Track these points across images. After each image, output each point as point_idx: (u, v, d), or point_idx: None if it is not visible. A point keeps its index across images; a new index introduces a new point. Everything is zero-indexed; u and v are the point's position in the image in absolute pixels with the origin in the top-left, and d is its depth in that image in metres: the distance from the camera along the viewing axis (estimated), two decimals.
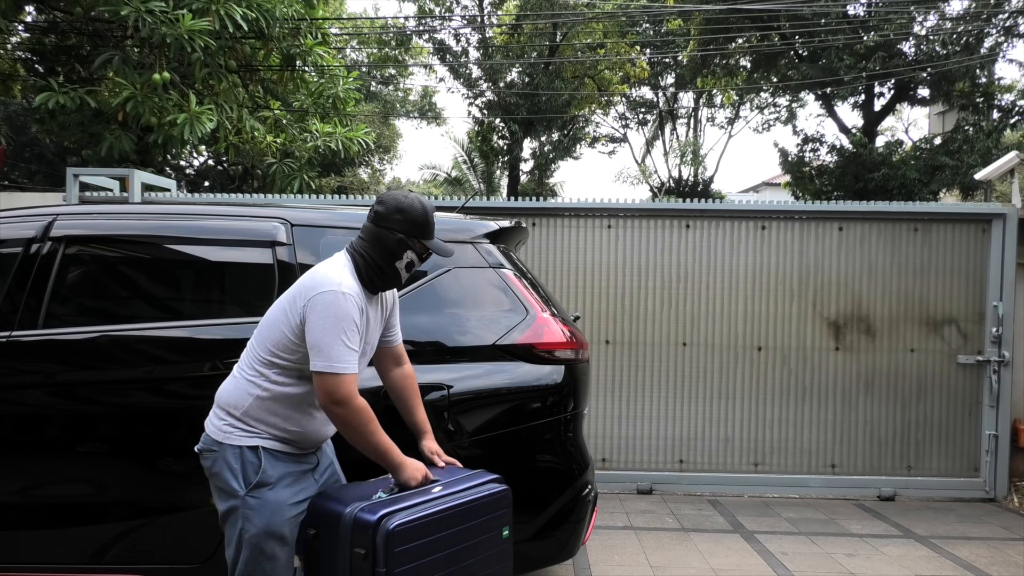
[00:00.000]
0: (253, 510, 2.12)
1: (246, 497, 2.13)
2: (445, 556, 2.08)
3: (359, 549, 1.99)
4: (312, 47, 7.31)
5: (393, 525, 1.97)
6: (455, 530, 2.12)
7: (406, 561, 1.99)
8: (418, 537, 2.02)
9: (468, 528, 2.15)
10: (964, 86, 13.95)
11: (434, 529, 2.07)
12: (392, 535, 1.96)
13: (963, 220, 5.40)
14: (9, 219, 3.08)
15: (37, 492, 2.82)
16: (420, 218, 2.20)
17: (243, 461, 2.16)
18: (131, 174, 5.34)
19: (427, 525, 2.05)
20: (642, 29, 19.87)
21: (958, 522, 4.83)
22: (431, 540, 2.05)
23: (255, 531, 2.12)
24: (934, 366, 5.38)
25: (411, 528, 2.01)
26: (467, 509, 2.16)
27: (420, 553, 2.02)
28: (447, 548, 2.08)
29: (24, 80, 9.01)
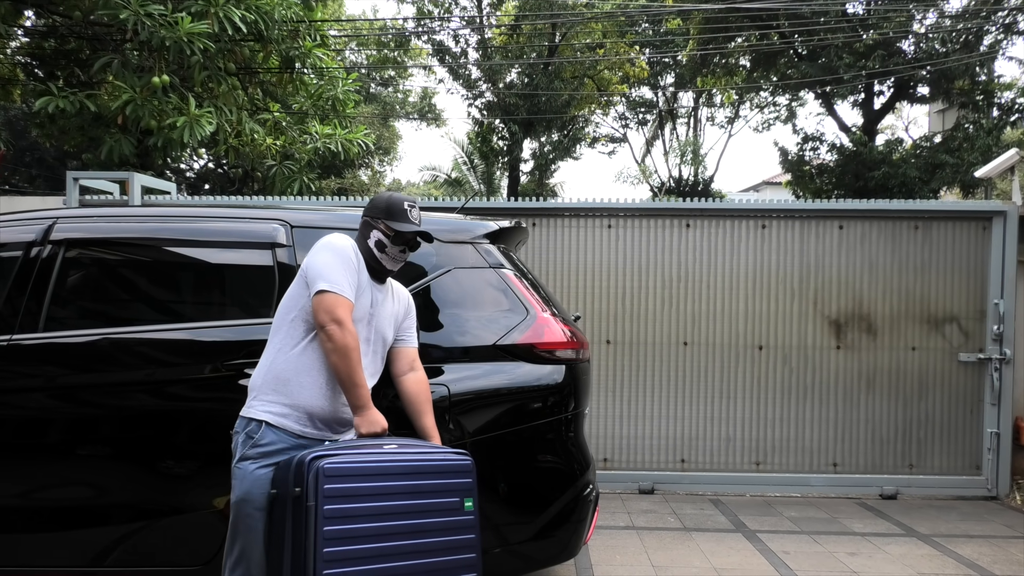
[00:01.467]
0: (236, 478, 2.27)
1: (235, 466, 2.29)
2: (386, 509, 2.06)
3: (296, 488, 2.03)
4: (311, 49, 7.31)
5: (325, 463, 2.01)
6: (398, 484, 2.10)
7: (337, 500, 1.98)
8: (352, 479, 2.03)
9: (416, 488, 2.13)
10: (964, 84, 13.95)
11: (373, 477, 2.06)
12: (322, 471, 1.99)
13: (964, 218, 5.40)
14: (9, 223, 3.08)
15: (39, 495, 2.82)
16: (381, 203, 2.50)
17: (246, 432, 2.31)
18: (131, 177, 5.35)
19: (365, 471, 2.06)
20: (641, 29, 19.88)
21: (960, 520, 4.83)
22: (369, 487, 2.05)
23: (235, 498, 2.26)
24: (935, 364, 5.37)
25: (345, 468, 2.03)
26: (415, 468, 2.16)
27: (354, 496, 2.01)
28: (388, 501, 2.06)
29: (24, 84, 9.02)
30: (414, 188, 30.66)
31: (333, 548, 1.97)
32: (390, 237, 2.44)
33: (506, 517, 2.80)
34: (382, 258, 2.45)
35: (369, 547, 2.02)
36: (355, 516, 2.01)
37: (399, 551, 2.07)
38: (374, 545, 2.04)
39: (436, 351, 2.81)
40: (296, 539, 2.00)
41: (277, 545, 2.09)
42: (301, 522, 2.00)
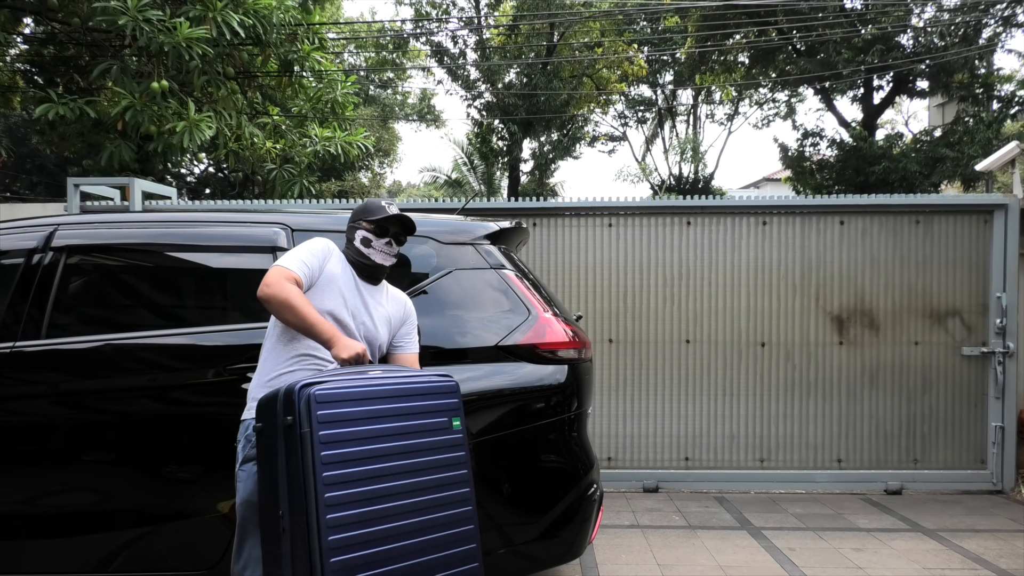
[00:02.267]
0: (239, 481, 2.31)
1: (237, 470, 2.33)
2: (379, 432, 2.09)
3: (288, 417, 2.03)
4: (309, 52, 7.31)
5: (315, 390, 2.03)
6: (388, 407, 2.13)
7: (331, 425, 2.00)
8: (344, 403, 2.05)
9: (405, 410, 2.17)
10: (963, 77, 13.92)
11: (363, 400, 2.09)
12: (313, 397, 2.01)
13: (965, 212, 5.39)
14: (10, 230, 3.09)
15: (44, 501, 2.82)
16: (359, 207, 2.65)
17: (246, 436, 2.35)
18: (131, 183, 5.36)
19: (355, 395, 2.09)
20: (639, 27, 19.87)
21: (966, 514, 4.82)
22: (360, 411, 2.07)
23: (240, 500, 2.30)
24: (938, 359, 5.37)
25: (335, 393, 2.05)
26: (403, 390, 2.20)
27: (346, 420, 2.03)
28: (380, 424, 2.10)
29: (24, 92, 9.03)
30: (414, 190, 30.67)
31: (332, 472, 1.98)
32: (372, 231, 2.54)
33: (510, 518, 2.80)
34: (370, 252, 2.53)
35: (366, 468, 2.05)
36: (349, 440, 2.04)
37: (395, 471, 2.10)
38: (370, 467, 2.06)
39: (438, 352, 2.81)
40: (292, 468, 2.00)
41: (270, 478, 2.08)
42: (296, 450, 2.00)
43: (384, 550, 2.01)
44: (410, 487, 2.11)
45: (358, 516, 1.99)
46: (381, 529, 2.02)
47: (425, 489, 2.14)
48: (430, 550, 2.10)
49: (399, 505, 2.07)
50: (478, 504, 2.71)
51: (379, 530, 2.01)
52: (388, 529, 2.03)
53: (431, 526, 2.12)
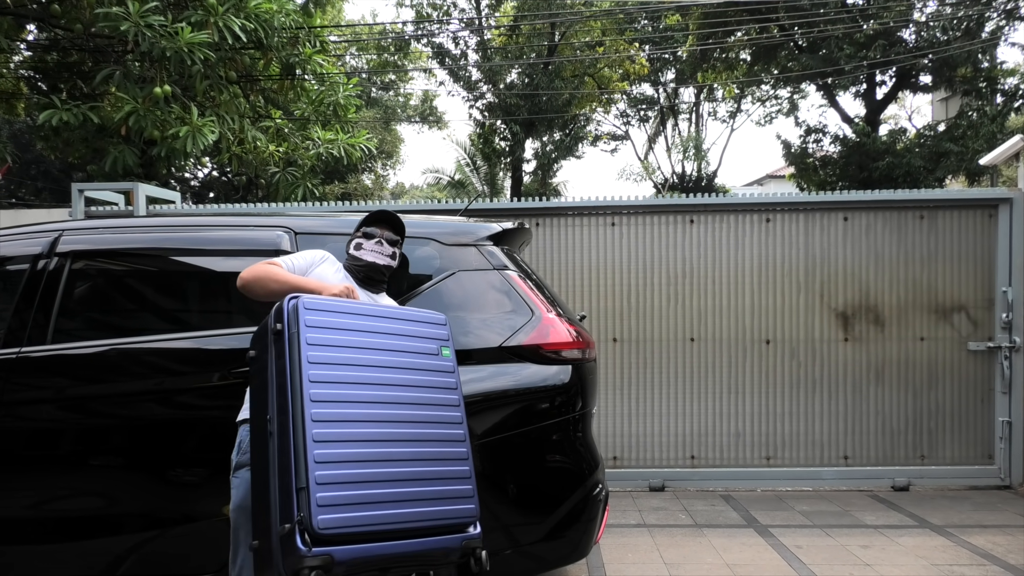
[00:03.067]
0: (233, 487, 2.32)
1: (232, 477, 2.35)
2: (366, 342, 2.12)
3: (277, 325, 2.06)
4: (311, 55, 7.32)
5: (305, 298, 2.09)
6: (376, 323, 2.18)
7: (318, 329, 2.04)
8: (332, 313, 2.10)
9: (393, 329, 2.21)
10: (966, 71, 13.88)
11: (351, 315, 2.14)
12: (303, 303, 2.06)
13: (969, 206, 5.37)
14: (15, 236, 3.11)
15: (51, 506, 2.83)
16: (362, 219, 2.71)
17: (239, 440, 2.37)
18: (135, 188, 5.38)
19: (344, 308, 2.14)
20: (640, 26, 19.84)
21: (973, 510, 4.80)
22: (348, 321, 2.12)
23: (232, 506, 2.32)
24: (945, 354, 5.35)
25: (324, 303, 2.11)
26: (391, 314, 2.27)
27: (334, 327, 2.07)
28: (368, 336, 2.13)
29: (28, 98, 9.07)
30: (417, 191, 30.71)
31: (318, 370, 2.00)
32: (361, 235, 2.65)
33: (516, 518, 2.80)
34: (361, 254, 2.60)
35: (352, 374, 2.07)
36: (336, 345, 2.07)
37: (382, 382, 2.12)
38: (357, 373, 2.08)
39: None
40: (280, 371, 2.02)
41: (260, 394, 2.09)
42: (284, 353, 2.02)
43: (370, 452, 2.00)
44: (398, 399, 2.12)
45: (343, 416, 1.99)
46: (367, 432, 2.02)
47: (413, 404, 2.15)
48: (420, 461, 2.09)
49: (386, 413, 2.08)
50: (483, 505, 2.72)
51: (365, 432, 2.01)
52: (374, 434, 2.03)
53: (420, 439, 2.12)
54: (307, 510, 1.83)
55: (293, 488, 1.87)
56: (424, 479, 2.07)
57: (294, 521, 1.83)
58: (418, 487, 2.04)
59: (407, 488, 2.02)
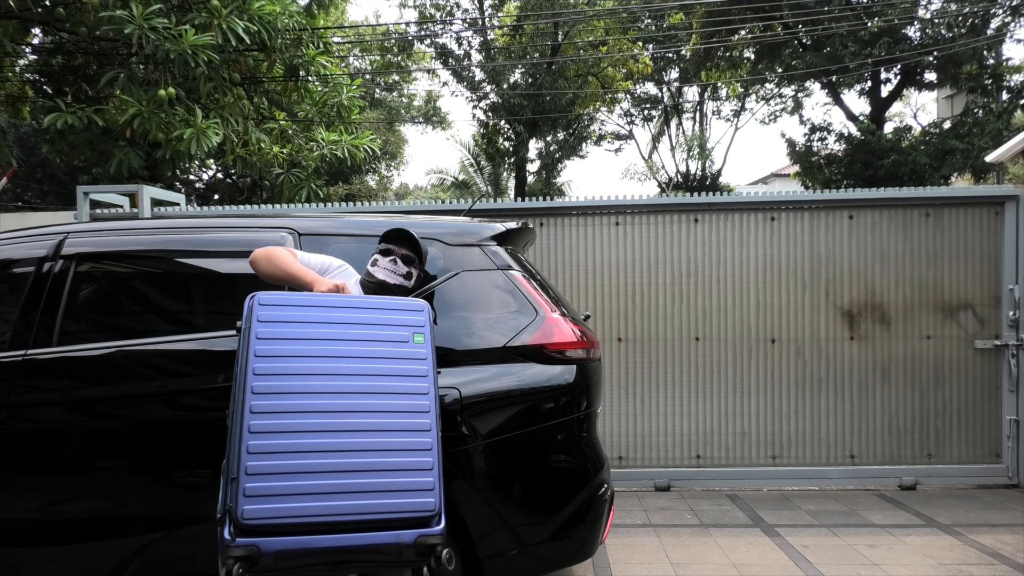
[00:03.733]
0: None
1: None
2: (323, 337, 2.11)
3: (238, 323, 2.12)
4: (314, 57, 7.34)
5: (260, 295, 2.11)
6: (341, 315, 2.16)
7: (270, 324, 2.06)
8: (288, 307, 2.11)
9: (360, 320, 2.18)
10: (972, 68, 13.82)
11: (313, 307, 2.14)
12: (258, 299, 2.09)
13: (975, 203, 5.35)
14: (21, 238, 3.11)
15: (57, 508, 2.84)
16: (383, 234, 2.69)
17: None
18: (140, 190, 5.39)
19: (304, 301, 2.14)
20: (644, 25, 19.82)
21: (981, 509, 4.78)
22: (307, 313, 2.12)
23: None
24: (951, 352, 5.33)
25: (282, 298, 2.13)
26: (361, 303, 2.23)
27: (288, 320, 2.09)
28: (328, 327, 2.13)
29: (33, 102, 9.12)
30: (421, 192, 30.73)
31: (263, 363, 2.02)
32: (379, 251, 2.65)
33: (521, 518, 2.79)
34: (374, 271, 2.59)
35: (304, 365, 2.06)
36: (288, 338, 2.07)
37: (337, 371, 2.09)
38: (309, 364, 2.07)
39: (446, 354, 2.81)
40: (238, 364, 2.06)
41: (234, 380, 2.12)
42: (241, 348, 2.06)
43: (311, 442, 1.97)
44: (353, 388, 2.09)
45: (284, 407, 1.99)
46: (310, 423, 2.00)
47: (371, 393, 2.10)
48: (371, 452, 2.02)
49: (336, 404, 2.05)
50: (489, 504, 2.72)
51: (307, 423, 1.99)
52: (318, 424, 2.00)
53: (375, 429, 2.06)
54: (235, 500, 1.83)
55: (228, 478, 1.90)
56: (375, 470, 1.98)
57: (224, 510, 1.85)
58: (365, 479, 1.96)
59: (352, 480, 1.95)
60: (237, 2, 6.20)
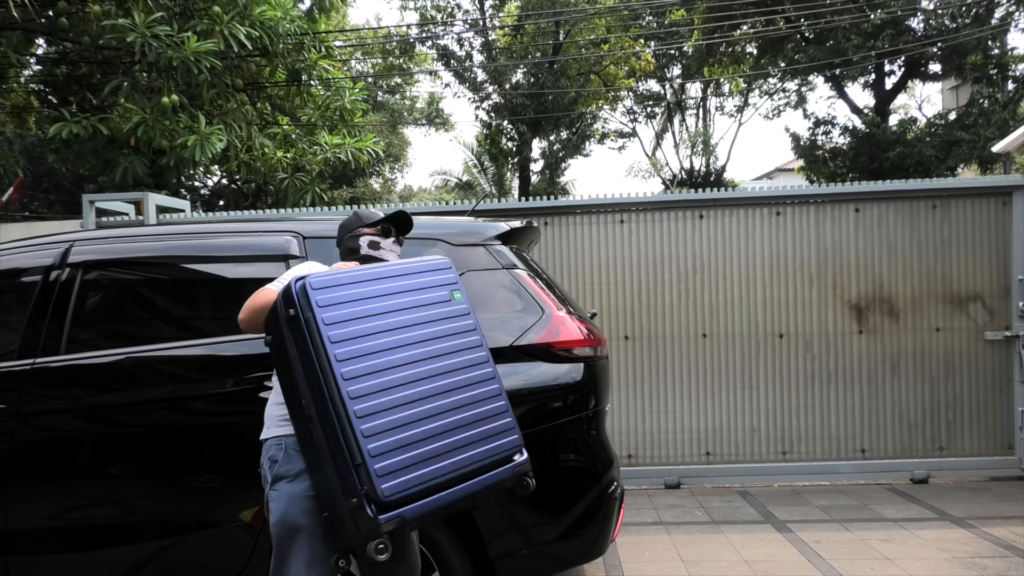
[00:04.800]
0: (274, 501, 2.26)
1: (269, 490, 2.29)
2: (380, 308, 2.12)
3: (290, 311, 2.07)
4: (317, 61, 7.34)
5: (310, 278, 2.08)
6: (385, 286, 2.18)
7: (332, 307, 2.05)
8: (339, 287, 2.10)
9: (402, 287, 2.20)
10: (976, 59, 13.74)
11: (359, 283, 2.14)
12: (309, 284, 2.06)
13: (983, 194, 5.31)
14: (28, 248, 3.13)
15: (69, 515, 2.85)
16: (349, 219, 2.61)
17: (269, 456, 2.31)
18: (145, 197, 5.41)
19: (349, 279, 2.14)
20: (645, 22, 19.78)
21: (994, 501, 4.74)
22: (358, 291, 2.12)
23: (274, 520, 2.25)
24: (961, 344, 5.29)
25: (330, 279, 2.11)
26: (395, 272, 2.24)
27: (346, 301, 2.08)
28: (379, 301, 2.14)
29: (38, 112, 9.16)
30: (425, 193, 30.77)
31: (343, 348, 2.02)
32: (378, 232, 2.53)
33: (532, 518, 2.79)
34: (381, 253, 2.52)
35: (376, 342, 2.08)
36: (353, 319, 2.08)
37: (406, 342, 2.14)
38: (380, 340, 2.10)
39: None
40: (304, 355, 2.04)
41: (287, 376, 2.12)
42: (304, 337, 2.04)
43: (411, 412, 2.05)
44: (425, 354, 2.16)
45: (378, 386, 2.03)
46: (404, 395, 2.07)
47: (440, 356, 2.18)
48: (459, 409, 2.15)
49: (417, 372, 2.11)
50: (499, 504, 2.71)
51: (402, 396, 2.06)
52: (412, 394, 2.08)
53: (455, 388, 2.17)
54: (370, 483, 1.91)
55: (351, 465, 1.94)
56: (467, 424, 2.14)
57: (360, 494, 1.92)
58: (463, 433, 2.12)
59: (454, 437, 2.10)
60: (239, 8, 6.21)
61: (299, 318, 2.04)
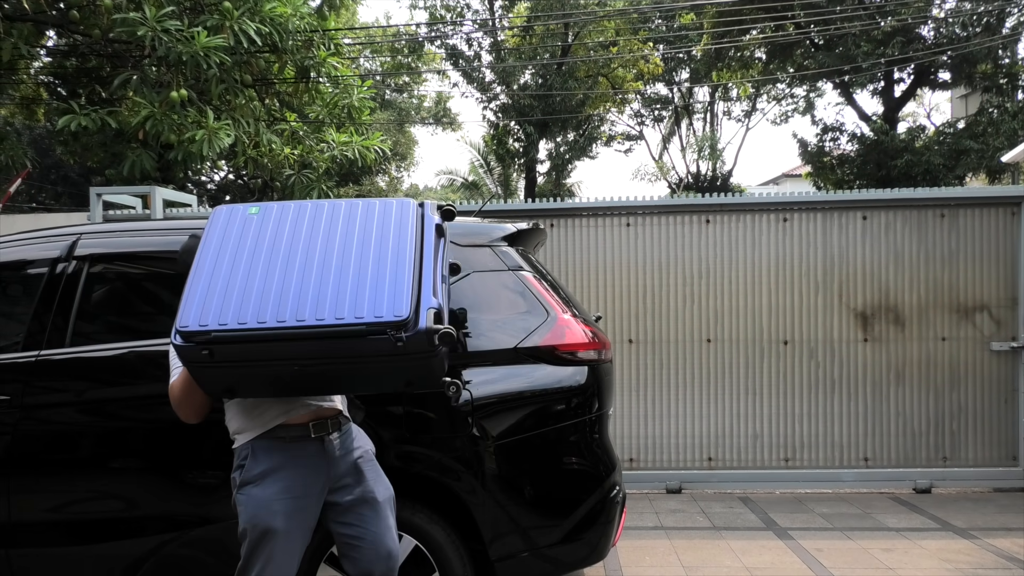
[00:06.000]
0: (242, 505, 2.22)
1: (237, 494, 2.25)
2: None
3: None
4: (325, 58, 7.35)
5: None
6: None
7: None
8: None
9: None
10: (987, 67, 13.69)
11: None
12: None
13: (991, 204, 5.28)
14: (34, 240, 3.13)
15: (69, 509, 2.85)
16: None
17: (237, 462, 2.28)
18: (152, 191, 5.42)
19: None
20: (654, 25, 19.76)
21: (998, 513, 4.72)
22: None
23: (243, 523, 2.21)
24: (967, 354, 5.26)
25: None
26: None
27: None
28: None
29: (47, 104, 9.19)
30: (431, 192, 30.77)
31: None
32: None
33: (533, 520, 2.78)
34: None
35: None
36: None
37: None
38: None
39: (456, 356, 2.79)
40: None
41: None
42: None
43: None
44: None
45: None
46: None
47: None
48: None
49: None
50: (500, 506, 2.71)
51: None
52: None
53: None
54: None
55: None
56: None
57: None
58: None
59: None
60: (249, 4, 6.22)
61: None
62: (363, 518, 2.28)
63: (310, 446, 2.26)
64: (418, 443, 2.74)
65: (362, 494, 2.30)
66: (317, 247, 2.07)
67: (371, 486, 2.33)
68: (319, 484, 2.26)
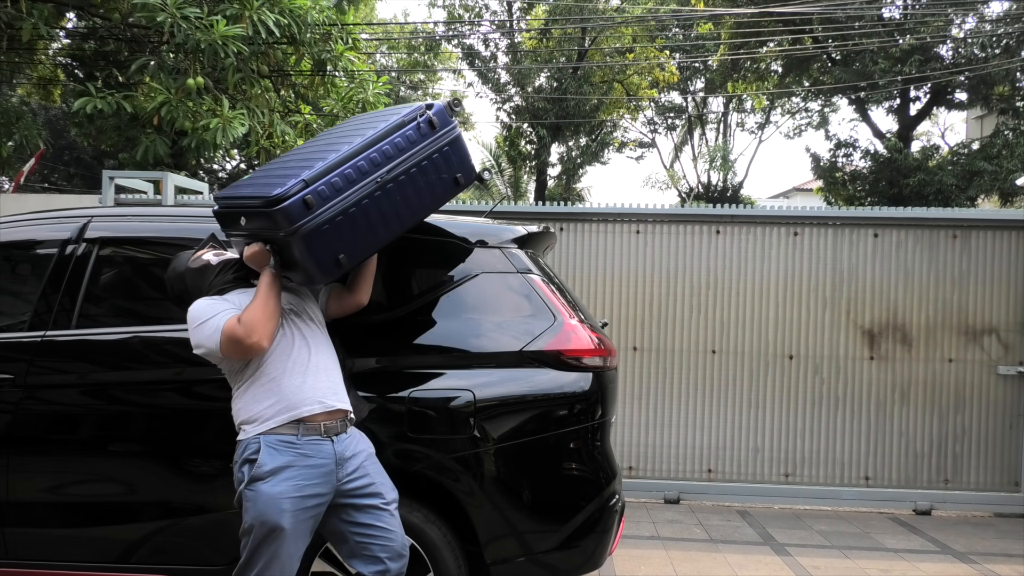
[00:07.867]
0: (250, 500, 2.22)
1: (244, 489, 2.24)
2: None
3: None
4: (343, 52, 7.35)
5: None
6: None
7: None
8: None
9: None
10: (1004, 90, 13.61)
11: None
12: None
13: (1004, 227, 5.25)
14: (45, 220, 3.14)
15: (67, 491, 2.85)
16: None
17: (246, 456, 2.27)
18: (165, 177, 5.44)
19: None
20: (671, 34, 19.74)
21: (998, 538, 4.68)
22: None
23: (249, 520, 2.21)
24: (973, 377, 5.23)
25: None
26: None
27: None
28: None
29: (64, 85, 9.23)
30: None
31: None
32: (209, 249, 2.58)
33: (531, 525, 2.77)
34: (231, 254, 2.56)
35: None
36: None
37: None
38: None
39: (461, 356, 2.79)
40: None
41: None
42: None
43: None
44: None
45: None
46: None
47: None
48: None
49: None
50: (498, 509, 2.70)
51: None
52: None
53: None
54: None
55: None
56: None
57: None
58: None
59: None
60: None
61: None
62: (377, 516, 2.32)
63: (323, 446, 2.27)
64: (418, 442, 2.72)
65: (373, 492, 2.34)
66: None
67: (379, 487, 2.37)
68: (328, 485, 2.27)
